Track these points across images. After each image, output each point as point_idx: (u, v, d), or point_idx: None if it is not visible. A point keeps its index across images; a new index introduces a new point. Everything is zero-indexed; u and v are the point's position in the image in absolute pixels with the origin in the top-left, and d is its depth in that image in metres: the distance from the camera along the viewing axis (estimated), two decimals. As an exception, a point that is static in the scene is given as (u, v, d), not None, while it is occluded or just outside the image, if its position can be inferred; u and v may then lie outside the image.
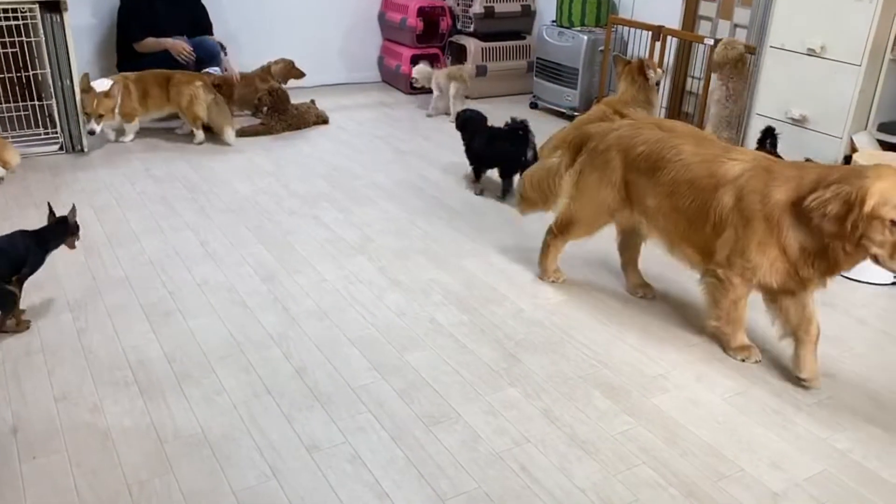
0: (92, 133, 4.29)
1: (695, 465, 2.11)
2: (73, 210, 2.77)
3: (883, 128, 3.47)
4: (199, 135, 4.65)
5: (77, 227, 2.79)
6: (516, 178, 3.87)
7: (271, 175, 4.21)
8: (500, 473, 2.05)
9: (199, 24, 5.13)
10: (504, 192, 3.99)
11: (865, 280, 3.19)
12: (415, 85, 5.52)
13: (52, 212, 2.75)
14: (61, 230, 2.74)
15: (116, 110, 4.38)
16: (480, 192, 4.05)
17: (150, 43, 4.85)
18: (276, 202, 3.85)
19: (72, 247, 2.78)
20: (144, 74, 4.57)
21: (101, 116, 4.27)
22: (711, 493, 2.01)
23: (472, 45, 5.83)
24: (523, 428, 2.24)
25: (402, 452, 2.12)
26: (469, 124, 4.12)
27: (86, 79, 4.30)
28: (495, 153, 3.97)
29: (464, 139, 4.13)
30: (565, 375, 2.50)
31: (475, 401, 2.36)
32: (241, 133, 4.81)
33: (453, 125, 4.38)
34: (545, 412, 2.31)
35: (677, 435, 2.23)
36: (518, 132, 3.90)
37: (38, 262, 2.67)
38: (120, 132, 4.62)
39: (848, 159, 3.33)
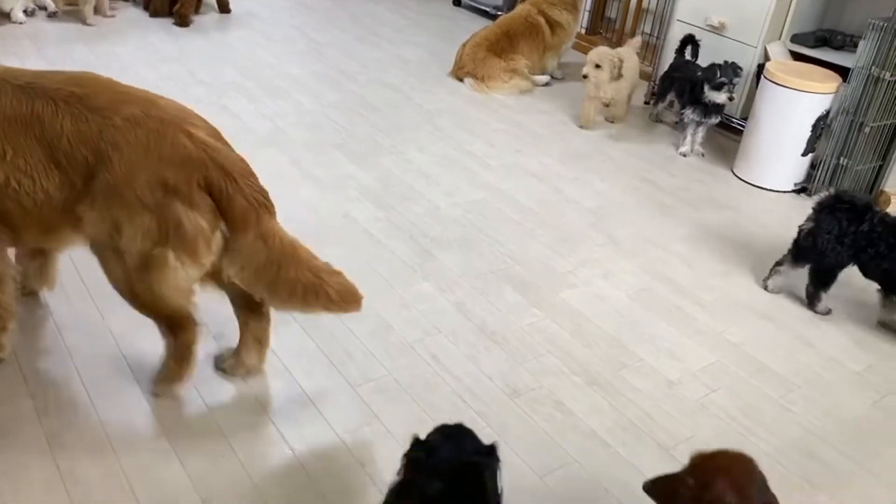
0: None
1: (598, 356, 2.19)
2: None
3: (796, 39, 3.53)
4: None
5: None
6: None
7: (176, 61, 3.96)
8: (410, 362, 2.07)
9: None
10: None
11: (768, 186, 3.32)
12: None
13: None
14: None
15: None
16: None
17: None
18: (181, 89, 3.63)
19: None
20: None
21: None
22: (612, 381, 2.09)
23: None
24: (435, 319, 2.25)
25: (313, 342, 2.10)
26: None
27: None
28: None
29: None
30: (478, 271, 2.52)
31: (388, 295, 2.35)
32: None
33: (373, 20, 3.99)
34: (457, 305, 2.33)
35: (582, 328, 2.30)
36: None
37: None
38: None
39: (761, 67, 3.39)
